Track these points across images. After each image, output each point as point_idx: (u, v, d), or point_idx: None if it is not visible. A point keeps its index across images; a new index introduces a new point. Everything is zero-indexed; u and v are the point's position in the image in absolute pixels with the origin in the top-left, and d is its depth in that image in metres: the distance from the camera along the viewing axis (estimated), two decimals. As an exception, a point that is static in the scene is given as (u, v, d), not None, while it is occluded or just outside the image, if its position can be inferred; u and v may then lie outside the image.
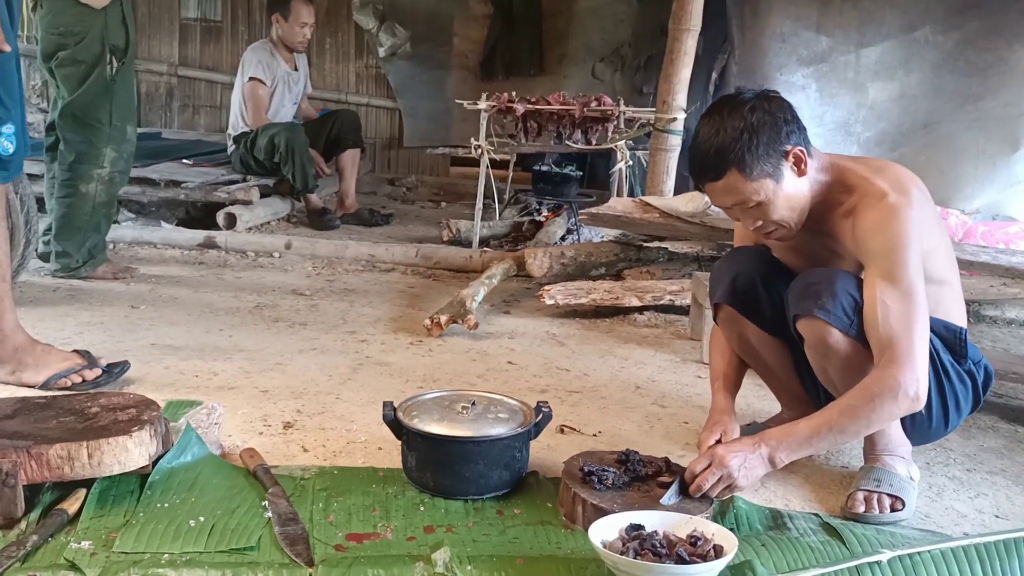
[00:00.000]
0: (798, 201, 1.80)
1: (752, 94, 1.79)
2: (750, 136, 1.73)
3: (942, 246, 1.87)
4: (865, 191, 1.79)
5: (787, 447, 1.73)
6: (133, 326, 2.91)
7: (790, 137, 1.77)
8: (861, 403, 1.68)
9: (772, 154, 1.75)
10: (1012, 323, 3.44)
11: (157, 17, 6.80)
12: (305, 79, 5.13)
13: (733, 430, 1.90)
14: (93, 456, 1.64)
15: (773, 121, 1.76)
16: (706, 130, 1.78)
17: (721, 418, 1.94)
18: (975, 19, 4.36)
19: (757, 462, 1.72)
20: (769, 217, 1.80)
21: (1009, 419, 2.43)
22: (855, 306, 1.76)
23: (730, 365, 2.05)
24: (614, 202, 3.59)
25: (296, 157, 4.66)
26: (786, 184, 1.78)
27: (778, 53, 4.65)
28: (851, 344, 1.78)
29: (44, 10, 3.25)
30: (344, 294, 3.50)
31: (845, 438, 1.78)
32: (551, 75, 6.17)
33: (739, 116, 1.75)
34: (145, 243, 4.14)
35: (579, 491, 1.69)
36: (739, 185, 1.76)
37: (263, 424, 2.13)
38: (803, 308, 1.80)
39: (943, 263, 1.86)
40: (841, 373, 1.82)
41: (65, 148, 3.33)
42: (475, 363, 2.71)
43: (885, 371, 1.68)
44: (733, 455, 1.70)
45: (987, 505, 1.92)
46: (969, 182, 4.40)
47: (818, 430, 1.71)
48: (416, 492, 1.79)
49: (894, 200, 1.74)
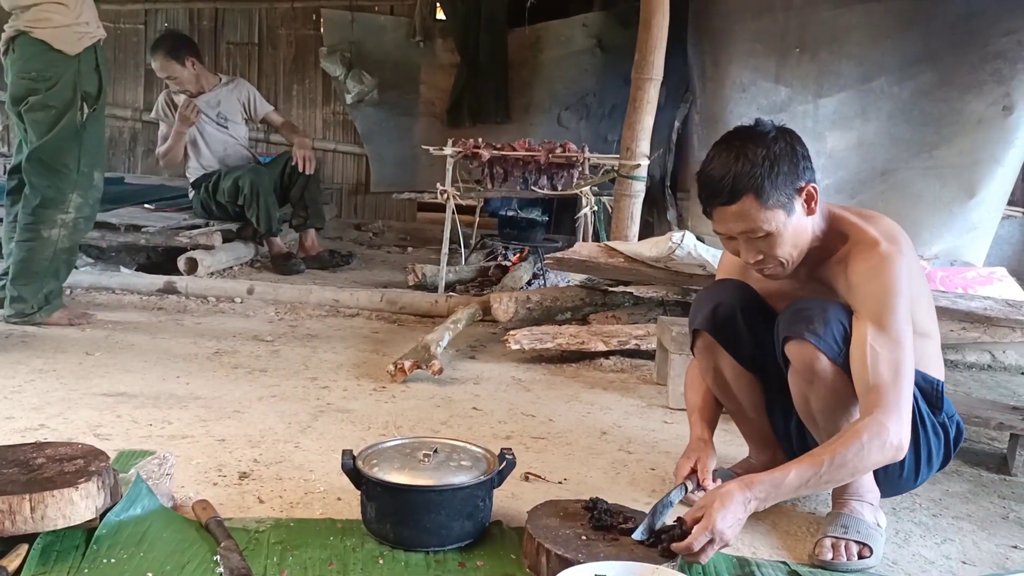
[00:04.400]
0: (802, 239, 1.80)
1: (773, 126, 1.79)
2: (771, 165, 1.73)
3: (924, 298, 1.89)
4: (858, 239, 1.80)
5: (775, 498, 1.67)
6: (87, 373, 2.83)
7: (805, 173, 1.78)
8: (850, 451, 1.65)
9: (788, 186, 1.75)
10: (972, 367, 3.48)
11: (123, 63, 6.80)
12: (239, 101, 5.00)
13: (709, 458, 1.90)
14: (36, 509, 1.57)
15: (793, 154, 1.76)
16: (724, 155, 1.76)
17: (698, 446, 1.93)
18: (928, 71, 4.48)
19: (745, 517, 1.66)
20: (773, 251, 1.79)
21: (972, 463, 2.43)
22: (845, 336, 1.76)
23: (705, 400, 2.05)
24: (579, 247, 3.59)
25: (260, 199, 4.63)
26: (795, 219, 1.77)
27: (739, 102, 4.74)
28: (837, 373, 1.77)
29: (16, 54, 3.22)
30: (307, 340, 3.45)
31: (831, 486, 1.76)
32: (517, 123, 6.23)
33: (763, 144, 1.74)
34: (103, 288, 4.07)
35: (543, 541, 1.64)
36: (752, 212, 1.74)
37: (218, 474, 2.07)
38: (794, 331, 1.79)
39: (925, 315, 1.87)
40: (823, 402, 1.81)
41: (31, 192, 3.28)
42: (439, 409, 2.66)
43: (874, 419, 1.66)
44: (729, 525, 1.61)
45: (954, 551, 1.90)
46: (927, 228, 4.48)
47: (806, 480, 1.66)
48: (376, 544, 1.73)
49: (886, 248, 1.75)
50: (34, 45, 3.16)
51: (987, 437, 2.62)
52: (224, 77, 5.09)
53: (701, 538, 1.61)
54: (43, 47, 3.15)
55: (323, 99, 6.72)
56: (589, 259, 3.48)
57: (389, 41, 6.47)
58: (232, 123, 4.99)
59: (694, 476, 1.88)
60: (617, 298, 3.72)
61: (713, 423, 2.05)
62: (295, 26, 6.69)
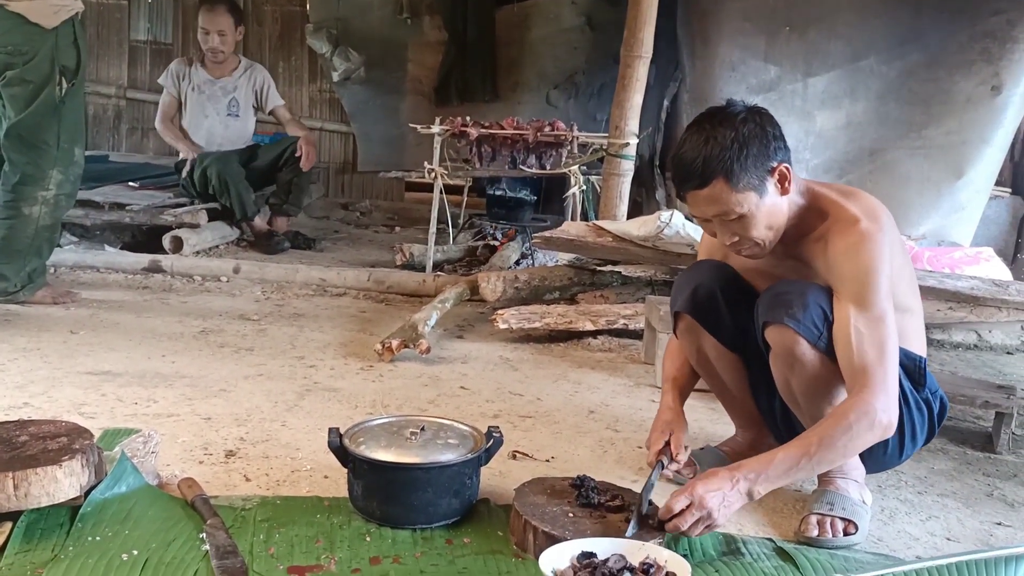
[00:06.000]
0: (777, 219, 1.79)
1: (743, 107, 1.78)
2: (740, 147, 1.72)
3: (906, 274, 1.88)
4: (837, 216, 1.78)
5: (766, 480, 1.66)
6: (71, 352, 2.80)
7: (777, 153, 1.76)
8: (838, 432, 1.65)
9: (759, 168, 1.74)
10: (959, 347, 3.50)
11: (106, 39, 6.69)
12: (253, 90, 4.95)
13: (681, 430, 1.90)
14: (20, 487, 1.56)
15: (763, 135, 1.75)
16: (695, 138, 1.75)
17: (669, 417, 1.93)
18: (917, 51, 4.47)
19: (735, 498, 1.64)
20: (748, 232, 1.78)
21: (957, 441, 2.45)
22: (825, 319, 1.76)
23: (681, 371, 2.06)
24: (568, 226, 3.58)
25: (231, 188, 4.59)
26: (768, 200, 1.76)
27: (728, 81, 4.71)
28: (818, 356, 1.77)
29: None
30: (293, 319, 3.43)
31: (822, 468, 1.76)
32: (505, 102, 6.18)
33: (730, 126, 1.73)
34: (87, 267, 4.02)
35: (530, 519, 1.64)
36: (723, 195, 1.74)
37: (204, 453, 2.05)
38: (773, 316, 1.79)
39: (907, 291, 1.87)
40: (805, 386, 1.81)
41: (10, 169, 3.23)
42: (427, 388, 2.66)
43: (860, 398, 1.66)
44: (712, 494, 1.61)
45: (939, 528, 1.92)
46: (914, 208, 4.48)
47: (797, 461, 1.66)
48: (362, 522, 1.73)
49: (866, 226, 1.75)
50: (9, 19, 3.10)
51: (972, 416, 2.64)
52: (244, 60, 5.01)
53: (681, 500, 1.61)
54: (19, 20, 3.09)
55: (309, 77, 6.65)
56: (577, 238, 3.47)
57: (376, 18, 6.39)
58: (244, 112, 4.94)
59: (668, 450, 1.88)
60: (605, 278, 3.72)
61: (685, 392, 2.05)
62: (281, 2, 6.60)
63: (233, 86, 4.90)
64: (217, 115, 4.88)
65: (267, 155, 4.87)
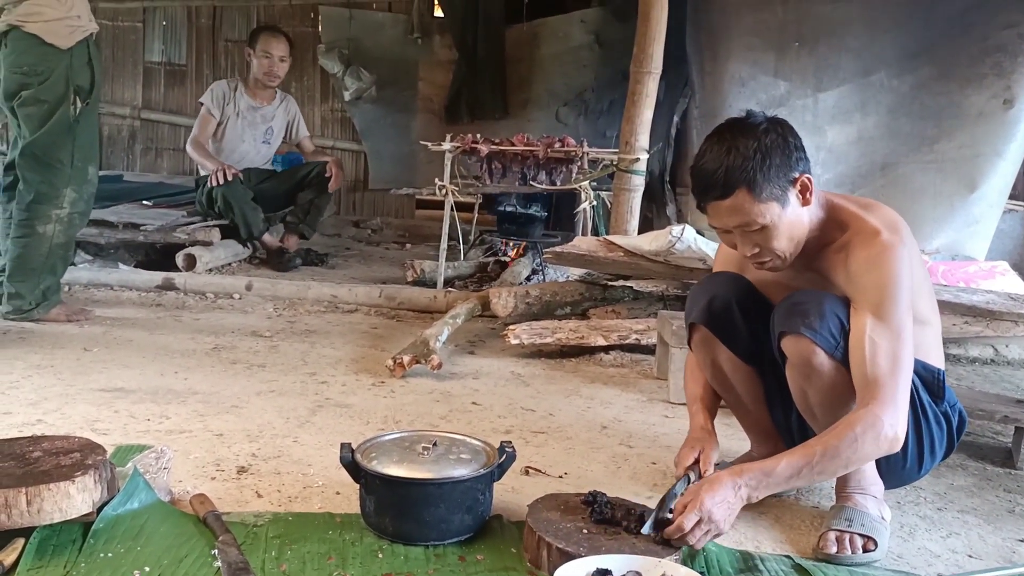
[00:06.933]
0: (798, 231, 1.78)
1: (763, 118, 1.76)
2: (763, 157, 1.71)
3: (925, 286, 1.87)
4: (858, 228, 1.77)
5: (766, 487, 1.66)
6: (85, 369, 2.81)
7: (799, 164, 1.75)
8: (843, 442, 1.64)
9: (781, 178, 1.73)
10: (975, 361, 3.46)
11: (121, 60, 6.77)
12: (286, 120, 5.06)
13: (712, 449, 1.88)
14: (32, 503, 1.56)
15: (785, 145, 1.74)
16: (716, 148, 1.74)
17: (701, 435, 1.91)
18: (927, 64, 4.46)
19: (738, 505, 1.65)
20: (769, 243, 1.77)
21: (977, 457, 2.42)
22: (842, 329, 1.74)
23: (706, 389, 2.03)
24: (579, 241, 3.57)
25: (235, 209, 4.62)
26: (790, 211, 1.75)
27: (738, 97, 4.72)
28: (835, 367, 1.75)
29: (8, 49, 3.20)
30: (305, 335, 3.43)
31: (824, 477, 1.74)
32: (516, 119, 6.20)
33: (752, 136, 1.72)
34: (101, 285, 4.05)
35: (544, 535, 1.63)
36: (746, 205, 1.72)
37: (216, 469, 2.05)
38: (790, 326, 1.77)
39: (925, 303, 1.85)
40: (821, 396, 1.79)
41: (24, 188, 3.26)
42: (438, 404, 2.65)
43: (869, 410, 1.65)
44: (719, 506, 1.61)
45: (960, 545, 1.89)
46: (928, 222, 4.45)
47: (798, 470, 1.65)
48: (374, 538, 1.71)
49: (887, 238, 1.73)
50: (26, 39, 3.14)
51: (991, 431, 2.60)
52: (279, 91, 5.08)
53: (691, 517, 1.60)
54: (35, 41, 3.13)
55: (321, 96, 6.70)
56: (588, 253, 3.46)
57: (387, 38, 6.45)
58: (275, 140, 5.05)
59: (696, 467, 1.86)
60: (617, 292, 3.71)
61: (713, 411, 2.03)
62: (293, 23, 6.65)
63: (272, 115, 4.99)
64: (253, 141, 4.95)
65: (291, 177, 4.95)
